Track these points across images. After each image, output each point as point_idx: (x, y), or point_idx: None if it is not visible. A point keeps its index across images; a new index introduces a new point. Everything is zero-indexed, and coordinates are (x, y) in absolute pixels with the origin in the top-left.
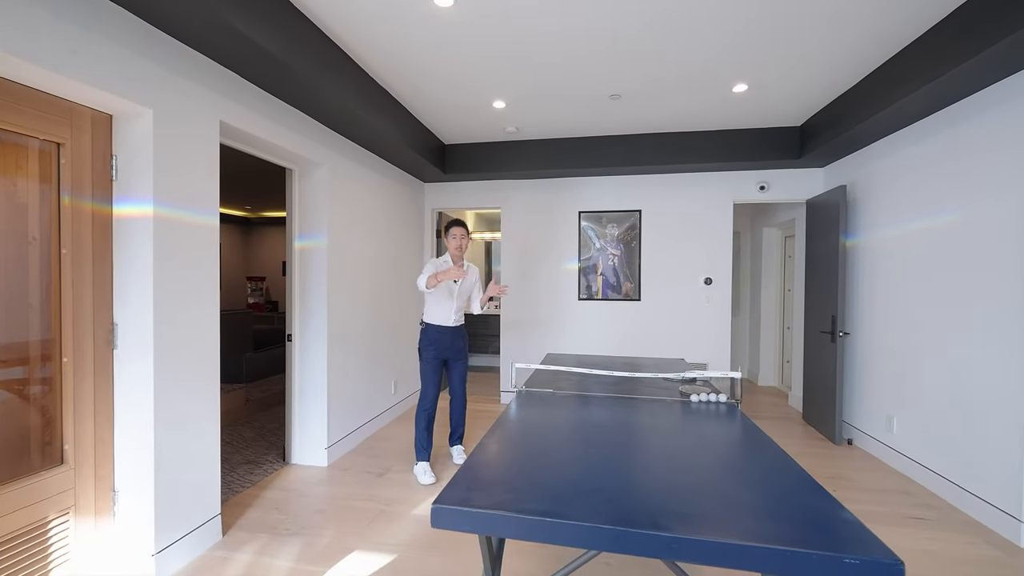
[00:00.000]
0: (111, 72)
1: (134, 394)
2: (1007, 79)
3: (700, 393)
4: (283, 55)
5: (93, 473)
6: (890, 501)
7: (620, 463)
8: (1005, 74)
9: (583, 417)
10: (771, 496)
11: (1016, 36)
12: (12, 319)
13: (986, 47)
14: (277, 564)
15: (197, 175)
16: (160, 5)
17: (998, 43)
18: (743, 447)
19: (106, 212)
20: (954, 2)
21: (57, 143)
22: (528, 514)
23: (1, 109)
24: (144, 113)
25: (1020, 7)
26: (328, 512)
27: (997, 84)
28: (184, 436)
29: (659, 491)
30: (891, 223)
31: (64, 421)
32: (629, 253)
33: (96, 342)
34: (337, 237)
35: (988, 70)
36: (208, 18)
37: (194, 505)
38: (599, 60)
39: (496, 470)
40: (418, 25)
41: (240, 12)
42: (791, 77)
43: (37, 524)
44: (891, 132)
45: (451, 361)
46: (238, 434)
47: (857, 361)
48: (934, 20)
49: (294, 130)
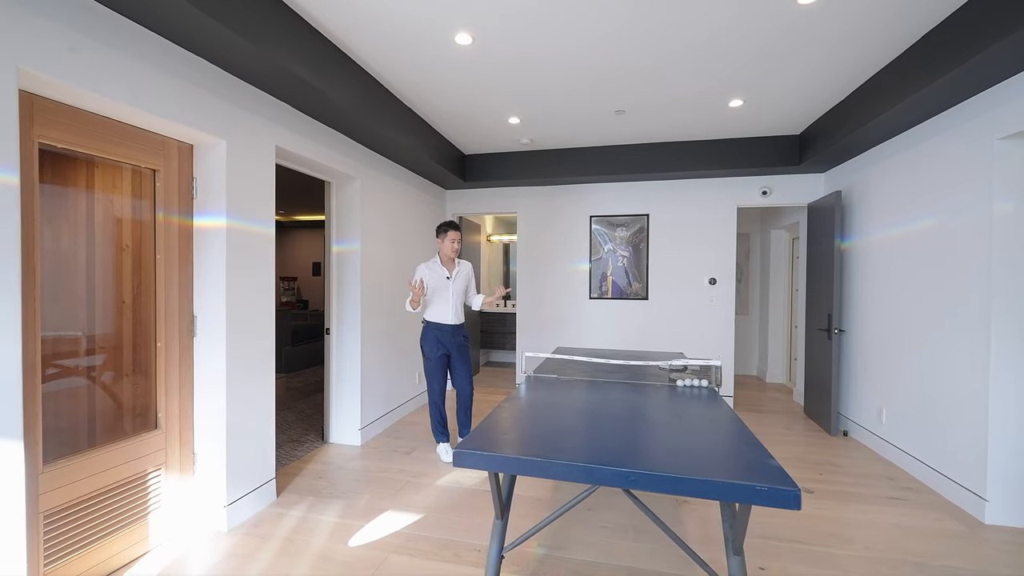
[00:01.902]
0: (194, 111)
1: (210, 375)
2: (971, 99)
3: (685, 379)
4: (328, 90)
5: (179, 438)
6: (872, 484)
7: (601, 427)
8: (965, 96)
9: (581, 397)
10: (718, 449)
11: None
12: (108, 313)
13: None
14: (324, 519)
15: (258, 192)
16: (238, 56)
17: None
18: (708, 418)
19: (188, 225)
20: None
21: (154, 170)
22: (524, 455)
23: (116, 145)
24: (219, 143)
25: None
26: (363, 481)
27: (964, 102)
28: (248, 411)
29: (628, 444)
30: (880, 226)
31: (158, 394)
32: (637, 255)
33: (181, 331)
34: (369, 242)
35: (952, 93)
36: (274, 66)
37: (255, 468)
38: (605, 88)
39: (504, 429)
40: (442, 61)
41: (299, 62)
42: (784, 93)
43: (139, 475)
44: (881, 141)
45: (454, 358)
46: (281, 417)
47: (852, 357)
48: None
49: (333, 149)
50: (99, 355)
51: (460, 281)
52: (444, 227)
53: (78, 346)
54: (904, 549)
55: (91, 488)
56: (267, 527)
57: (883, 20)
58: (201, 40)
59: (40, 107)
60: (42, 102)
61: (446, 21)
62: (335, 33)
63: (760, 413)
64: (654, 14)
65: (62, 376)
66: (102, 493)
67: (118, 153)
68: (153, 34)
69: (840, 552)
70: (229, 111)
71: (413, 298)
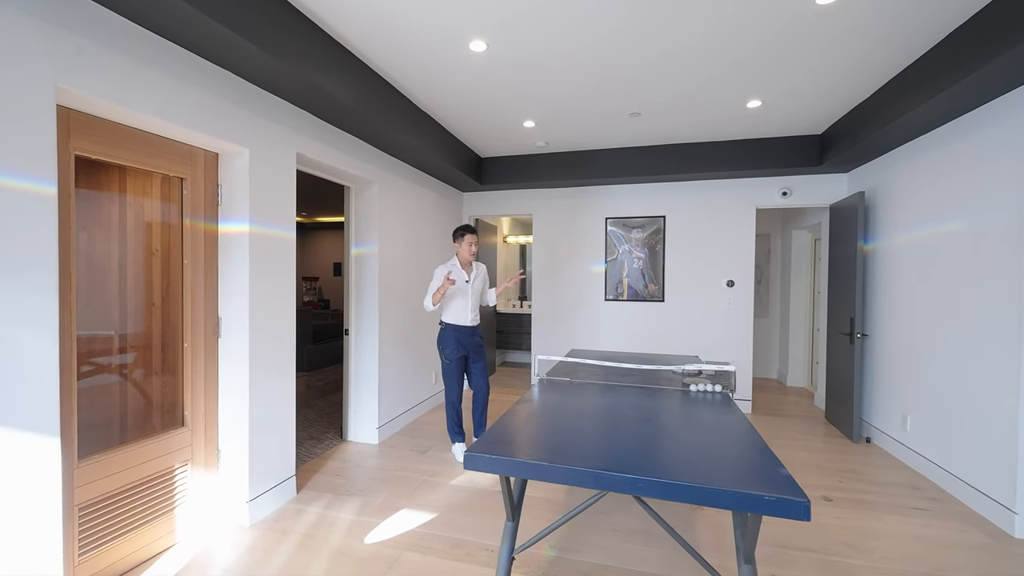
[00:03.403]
0: (218, 121)
1: (234, 374)
2: (1007, 94)
3: (699, 384)
4: (347, 99)
5: (204, 435)
6: (895, 493)
7: (611, 432)
8: (999, 93)
9: (592, 400)
10: (729, 456)
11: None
12: (138, 314)
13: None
14: (342, 516)
15: (280, 197)
16: (262, 70)
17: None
18: (721, 424)
19: (213, 230)
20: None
21: (181, 178)
22: (535, 459)
23: (147, 155)
24: (242, 152)
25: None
26: (380, 479)
27: (998, 99)
28: (270, 409)
29: (638, 450)
30: (906, 228)
31: (185, 392)
32: (653, 256)
33: (207, 332)
34: (386, 245)
35: (984, 87)
36: (298, 77)
37: (276, 465)
38: (617, 88)
39: (515, 433)
40: (457, 67)
41: (321, 73)
42: (805, 92)
43: (166, 470)
44: (909, 140)
45: (471, 359)
46: (301, 415)
47: (875, 362)
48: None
49: (352, 155)
50: (130, 354)
51: (478, 283)
52: (461, 231)
53: (111, 345)
54: (925, 561)
55: (123, 482)
56: (287, 522)
57: (913, 13)
58: (227, 56)
59: (76, 121)
60: (78, 116)
61: (461, 29)
62: (355, 44)
63: (780, 417)
64: (668, 11)
65: (95, 374)
66: (133, 487)
67: (148, 163)
68: (180, 48)
69: (857, 562)
70: (252, 120)
71: (439, 290)
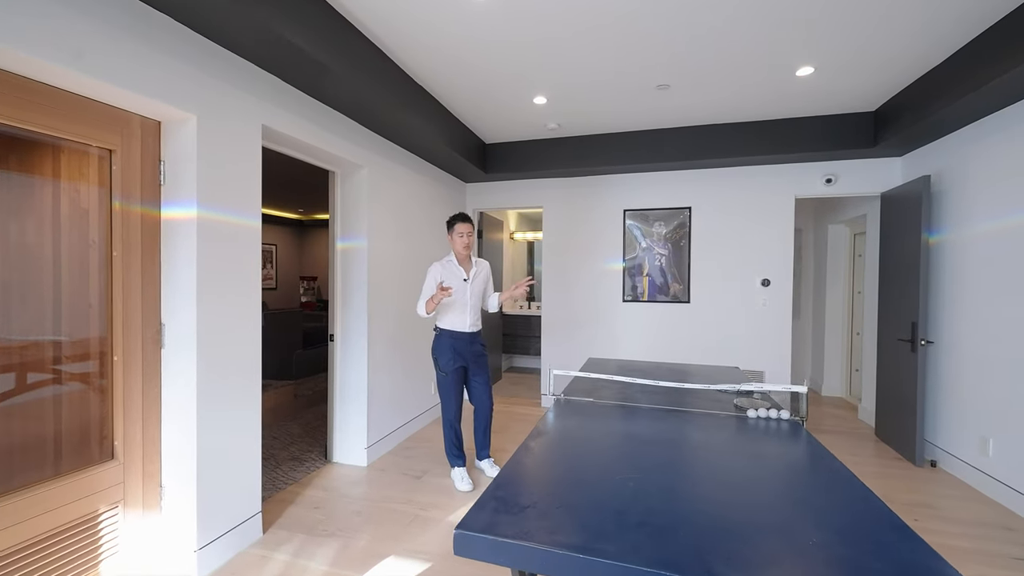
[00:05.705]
0: (158, 79)
1: (180, 392)
2: None
3: (759, 408)
4: (325, 59)
5: (141, 469)
6: (985, 536)
7: (667, 489)
8: None
9: (626, 431)
10: (849, 540)
11: None
12: (74, 319)
13: None
14: (312, 567)
15: (240, 178)
16: (212, 17)
17: None
18: (811, 475)
19: (155, 216)
20: None
21: (109, 150)
22: (560, 548)
23: (59, 119)
24: (189, 119)
25: None
26: (365, 514)
27: None
28: (227, 435)
29: (712, 527)
30: (986, 218)
31: (115, 417)
32: (678, 253)
33: (145, 341)
34: (377, 239)
35: None
36: (259, 26)
37: (236, 502)
38: (645, 51)
39: (528, 491)
40: (455, 20)
41: (288, 22)
42: (865, 55)
43: (88, 517)
44: (987, 114)
45: (471, 371)
46: (285, 430)
47: (941, 373)
48: None
49: (335, 132)
50: (36, 373)
51: (478, 283)
52: (452, 219)
53: (8, 359)
54: None
55: (25, 535)
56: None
57: None
58: None
59: None
60: None
61: None
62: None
63: (822, 433)
64: None
65: None
66: (40, 540)
67: (61, 128)
68: None
69: None
70: (201, 80)
71: (433, 298)
